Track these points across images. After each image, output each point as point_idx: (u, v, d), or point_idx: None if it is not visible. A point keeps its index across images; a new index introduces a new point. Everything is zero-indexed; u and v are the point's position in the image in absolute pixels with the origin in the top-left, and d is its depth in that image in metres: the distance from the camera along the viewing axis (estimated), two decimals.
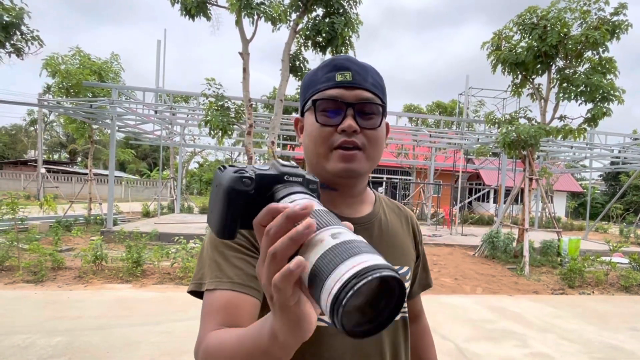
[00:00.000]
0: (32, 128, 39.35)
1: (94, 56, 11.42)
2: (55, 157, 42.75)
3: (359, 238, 0.38)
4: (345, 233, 0.38)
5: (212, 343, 0.60)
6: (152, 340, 3.83)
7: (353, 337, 0.35)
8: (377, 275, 0.32)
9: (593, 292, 6.70)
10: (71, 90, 10.79)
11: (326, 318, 0.38)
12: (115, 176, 16.16)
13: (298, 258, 0.36)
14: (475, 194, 22.41)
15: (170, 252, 6.53)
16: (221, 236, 0.45)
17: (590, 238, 13.96)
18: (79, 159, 39.95)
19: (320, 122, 0.75)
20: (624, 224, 19.07)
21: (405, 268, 0.87)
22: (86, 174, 12.97)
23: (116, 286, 5.63)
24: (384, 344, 0.80)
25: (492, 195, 23.04)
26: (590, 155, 14.14)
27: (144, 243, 6.75)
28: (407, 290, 0.87)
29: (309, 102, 0.77)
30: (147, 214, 14.72)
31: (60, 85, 10.76)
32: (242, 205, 0.44)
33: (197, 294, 0.72)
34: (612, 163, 17.12)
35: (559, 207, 24.49)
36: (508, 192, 11.70)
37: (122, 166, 36.89)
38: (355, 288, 0.31)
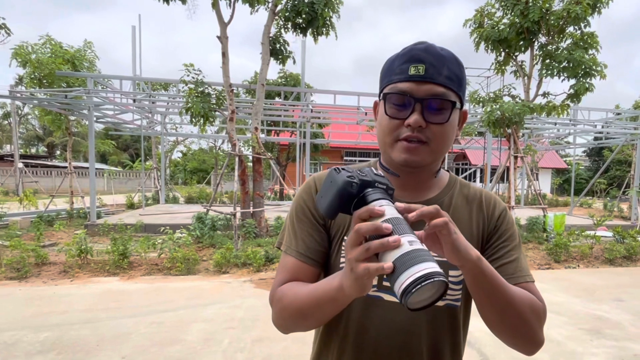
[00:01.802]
0: (5, 122, 38.01)
1: (66, 44, 10.97)
2: (33, 151, 41.60)
3: (425, 247, 0.56)
4: (416, 242, 0.56)
5: (287, 290, 0.81)
6: (142, 331, 3.77)
7: (409, 310, 0.54)
8: (434, 280, 0.51)
9: (578, 266, 6.87)
10: (44, 81, 10.37)
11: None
12: (97, 168, 15.81)
13: (389, 264, 0.54)
14: (462, 173, 22.63)
15: (156, 243, 6.42)
16: (327, 216, 0.65)
17: (575, 213, 14.28)
18: (58, 152, 38.96)
19: (389, 114, 0.79)
20: (608, 198, 19.56)
21: None
22: (66, 167, 12.61)
23: (103, 279, 5.53)
24: (421, 322, 0.83)
25: (478, 174, 23.33)
26: (574, 132, 14.34)
27: (129, 235, 6.62)
28: (461, 278, 0.84)
29: (382, 94, 0.82)
30: (131, 206, 14.47)
31: (32, 76, 10.31)
32: (347, 201, 0.63)
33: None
34: (595, 139, 17.41)
35: (544, 184, 24.96)
36: (494, 171, 11.82)
37: (103, 158, 36.12)
38: (419, 287, 0.51)
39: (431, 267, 0.52)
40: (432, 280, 0.51)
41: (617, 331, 4.01)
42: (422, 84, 0.75)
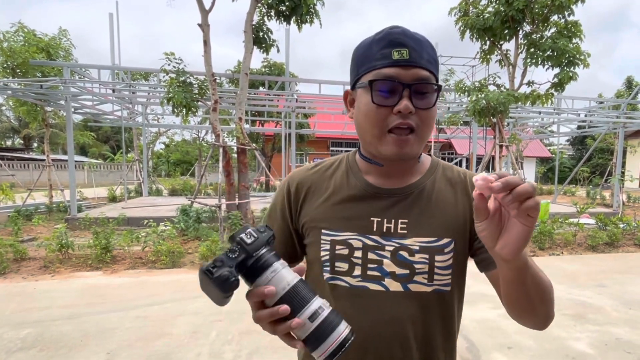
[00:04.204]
0: None
1: (39, 32, 10.55)
2: (9, 143, 40.29)
3: (328, 311, 0.61)
4: (318, 310, 0.60)
5: None
6: (127, 325, 3.70)
7: None
8: (345, 347, 0.59)
9: (562, 253, 7.00)
10: (18, 70, 9.99)
11: (350, 280, 0.82)
12: (76, 161, 15.41)
13: (297, 322, 0.60)
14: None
15: (140, 236, 6.29)
16: (221, 305, 0.64)
17: (559, 201, 14.59)
18: (35, 144, 37.82)
19: (377, 102, 0.75)
20: (591, 186, 19.98)
21: (446, 240, 0.82)
22: (43, 160, 12.22)
23: (85, 274, 5.39)
24: (410, 310, 0.81)
25: (464, 164, 23.60)
26: (558, 120, 14.56)
27: (112, 228, 6.47)
28: (450, 262, 0.82)
29: (363, 82, 0.77)
30: (113, 199, 14.16)
31: (5, 65, 9.92)
32: (233, 288, 0.59)
33: None
34: (578, 127, 17.71)
35: (529, 173, 25.40)
36: (479, 160, 11.94)
37: (82, 150, 35.28)
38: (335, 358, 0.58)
39: (339, 336, 0.58)
40: (344, 348, 0.58)
41: (600, 316, 4.10)
42: (408, 68, 0.74)
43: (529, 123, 16.46)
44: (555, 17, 8.29)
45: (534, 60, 8.40)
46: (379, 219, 0.83)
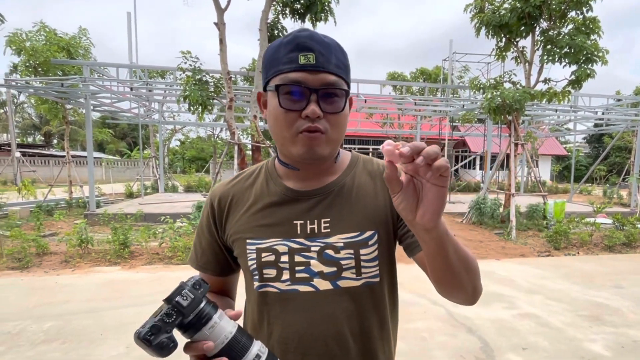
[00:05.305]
0: (1, 110, 37.72)
1: (60, 31, 10.80)
2: (30, 140, 41.30)
3: (266, 354, 0.66)
4: (257, 357, 0.64)
5: None
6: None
7: None
8: None
9: (578, 253, 6.90)
10: (39, 69, 10.24)
11: (280, 285, 0.83)
12: (95, 157, 15.73)
13: None
14: (462, 161, 22.65)
15: (157, 232, 6.42)
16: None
17: (575, 200, 14.33)
18: (55, 141, 38.72)
19: (284, 107, 0.75)
20: (607, 185, 19.57)
21: (369, 232, 0.84)
22: (63, 156, 12.54)
23: (104, 269, 5.53)
24: (342, 306, 0.82)
25: (478, 162, 23.31)
26: (575, 118, 14.28)
27: (130, 224, 6.61)
28: (375, 254, 0.84)
29: (272, 85, 0.77)
30: (130, 195, 14.44)
31: (27, 64, 10.18)
32: (171, 353, 0.61)
33: None
34: (595, 125, 17.34)
35: (544, 171, 24.97)
36: (494, 158, 11.81)
37: (100, 147, 35.94)
38: None
39: None
40: None
41: (616, 318, 4.04)
42: (315, 73, 0.74)
43: (544, 121, 16.17)
44: (573, 13, 8.15)
45: (550, 57, 8.26)
46: (302, 222, 0.84)
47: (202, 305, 0.63)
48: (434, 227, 0.61)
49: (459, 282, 0.72)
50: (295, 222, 0.84)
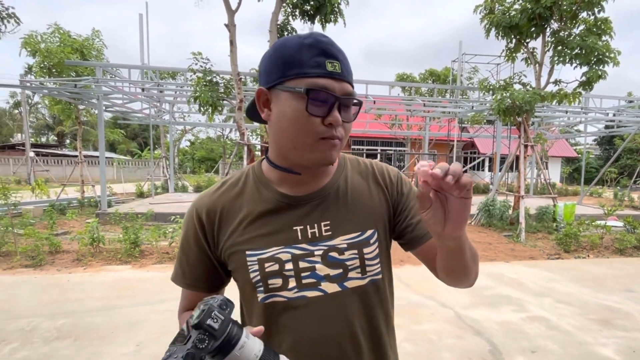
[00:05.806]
0: (16, 111, 38.42)
1: (74, 33, 10.99)
2: (43, 140, 42.00)
3: None
4: None
5: (181, 319, 0.92)
6: (155, 318, 3.84)
7: None
8: None
9: (588, 256, 6.82)
10: (53, 70, 10.43)
11: (287, 294, 0.81)
12: (106, 157, 15.93)
13: None
14: (471, 162, 22.47)
15: (167, 231, 6.50)
16: None
17: (585, 203, 14.14)
18: (68, 140, 39.30)
19: (311, 112, 0.74)
20: (618, 187, 19.29)
21: (370, 231, 0.86)
22: (76, 156, 12.74)
23: (116, 267, 5.61)
24: (353, 306, 0.84)
25: (487, 163, 23.12)
26: (585, 120, 14.12)
27: (140, 224, 6.70)
28: (377, 252, 0.86)
29: (294, 86, 0.73)
30: (141, 195, 14.62)
31: (42, 65, 10.38)
32: None
33: None
34: (606, 127, 17.12)
35: (554, 173, 24.69)
36: (503, 160, 11.72)
37: (112, 147, 36.41)
38: None
39: None
40: None
41: (627, 322, 4.00)
42: (340, 82, 0.75)
43: (555, 122, 16.01)
44: (584, 14, 8.06)
45: (561, 59, 8.19)
46: (302, 227, 0.83)
47: (230, 326, 0.61)
48: (460, 235, 0.68)
49: (467, 272, 0.80)
50: (295, 228, 0.83)
